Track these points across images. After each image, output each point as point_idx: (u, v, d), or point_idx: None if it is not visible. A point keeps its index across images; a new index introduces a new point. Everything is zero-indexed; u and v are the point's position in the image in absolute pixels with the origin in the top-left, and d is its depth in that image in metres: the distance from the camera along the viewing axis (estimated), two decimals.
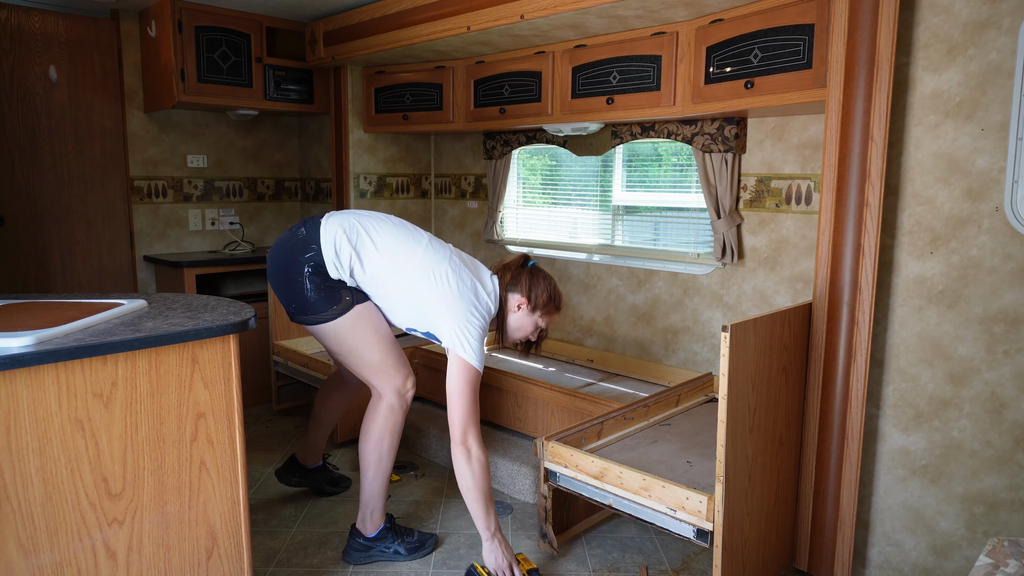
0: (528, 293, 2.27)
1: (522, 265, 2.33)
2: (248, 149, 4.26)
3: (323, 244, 2.16)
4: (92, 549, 1.62)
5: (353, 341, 2.22)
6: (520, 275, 2.30)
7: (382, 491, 2.35)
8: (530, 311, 2.30)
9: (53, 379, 1.52)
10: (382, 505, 2.36)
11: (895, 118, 2.14)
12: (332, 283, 2.18)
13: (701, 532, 1.93)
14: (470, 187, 4.04)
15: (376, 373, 2.26)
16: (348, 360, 2.27)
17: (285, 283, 2.20)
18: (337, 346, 2.24)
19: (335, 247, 2.16)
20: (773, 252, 2.74)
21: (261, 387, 3.92)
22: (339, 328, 2.20)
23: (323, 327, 2.21)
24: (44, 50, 3.50)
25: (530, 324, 2.32)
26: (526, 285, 2.28)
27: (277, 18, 3.74)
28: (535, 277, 2.30)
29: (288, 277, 2.19)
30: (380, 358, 2.24)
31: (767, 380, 2.04)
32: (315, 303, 2.17)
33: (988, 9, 1.94)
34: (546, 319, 2.34)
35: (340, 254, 2.16)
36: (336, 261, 2.17)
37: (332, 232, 2.17)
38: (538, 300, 2.28)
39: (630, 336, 3.29)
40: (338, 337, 2.22)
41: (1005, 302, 1.99)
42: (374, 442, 2.28)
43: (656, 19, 2.58)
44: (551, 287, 2.32)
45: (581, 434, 2.34)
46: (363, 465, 2.33)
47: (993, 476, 2.05)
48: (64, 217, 3.64)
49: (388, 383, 2.27)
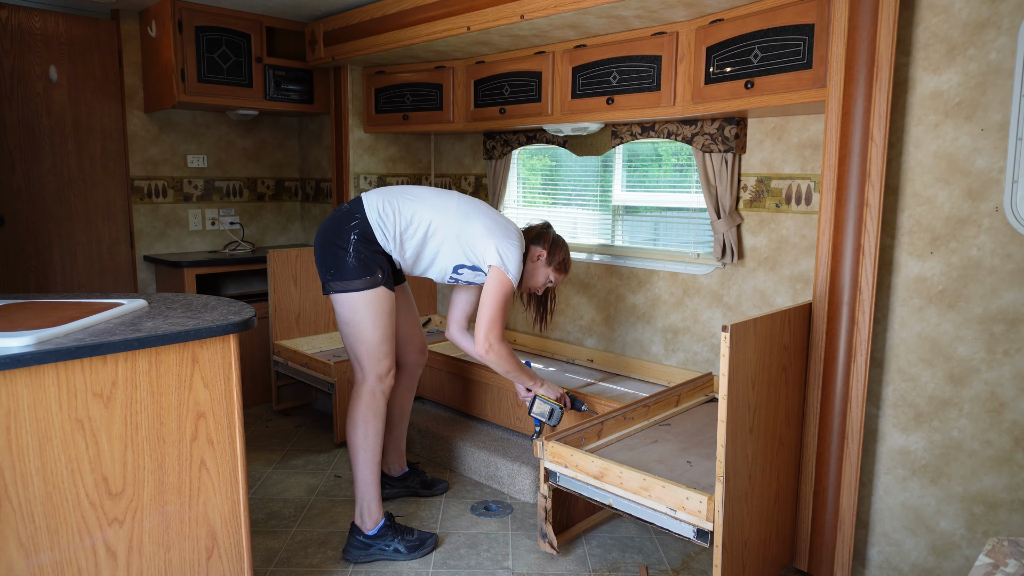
0: (549, 247, 2.57)
1: (543, 228, 2.64)
2: (248, 149, 4.26)
3: (367, 210, 2.36)
4: (92, 548, 1.62)
5: (363, 315, 2.34)
6: (545, 233, 2.61)
7: (374, 479, 2.39)
8: (546, 263, 2.58)
9: (53, 379, 1.52)
10: (377, 496, 2.39)
11: (895, 118, 2.14)
12: (372, 255, 2.33)
13: (701, 532, 1.93)
14: (470, 187, 4.04)
15: (368, 354, 2.37)
16: (350, 333, 2.37)
17: (329, 250, 2.35)
18: (350, 315, 2.35)
19: (378, 210, 2.36)
20: (773, 252, 2.74)
21: (261, 387, 3.92)
22: (358, 301, 2.33)
23: (347, 296, 2.33)
24: (44, 50, 3.50)
25: (542, 276, 2.59)
26: (549, 240, 2.59)
27: (277, 18, 3.74)
28: (557, 239, 2.61)
29: (334, 244, 2.34)
30: (377, 341, 2.36)
31: (767, 380, 2.04)
32: (352, 269, 2.31)
33: (988, 9, 1.94)
34: (557, 275, 2.61)
35: (383, 214, 2.36)
36: (381, 223, 2.35)
37: (374, 200, 2.39)
38: (556, 257, 2.58)
39: (630, 336, 3.29)
40: (354, 307, 2.33)
41: (1005, 302, 1.99)
42: (359, 427, 2.39)
43: (656, 19, 2.58)
44: (567, 252, 2.62)
45: (581, 434, 2.34)
46: (352, 454, 2.41)
47: (993, 476, 2.05)
48: (64, 217, 3.64)
49: (374, 367, 2.38)
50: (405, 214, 2.37)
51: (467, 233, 2.38)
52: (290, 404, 3.89)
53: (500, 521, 2.66)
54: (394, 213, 2.36)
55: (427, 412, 3.39)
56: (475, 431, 3.16)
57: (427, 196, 2.43)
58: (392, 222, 2.36)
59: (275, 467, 3.12)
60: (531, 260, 2.55)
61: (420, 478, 2.85)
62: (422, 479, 2.85)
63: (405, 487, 2.82)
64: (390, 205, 2.37)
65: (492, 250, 2.36)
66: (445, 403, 3.40)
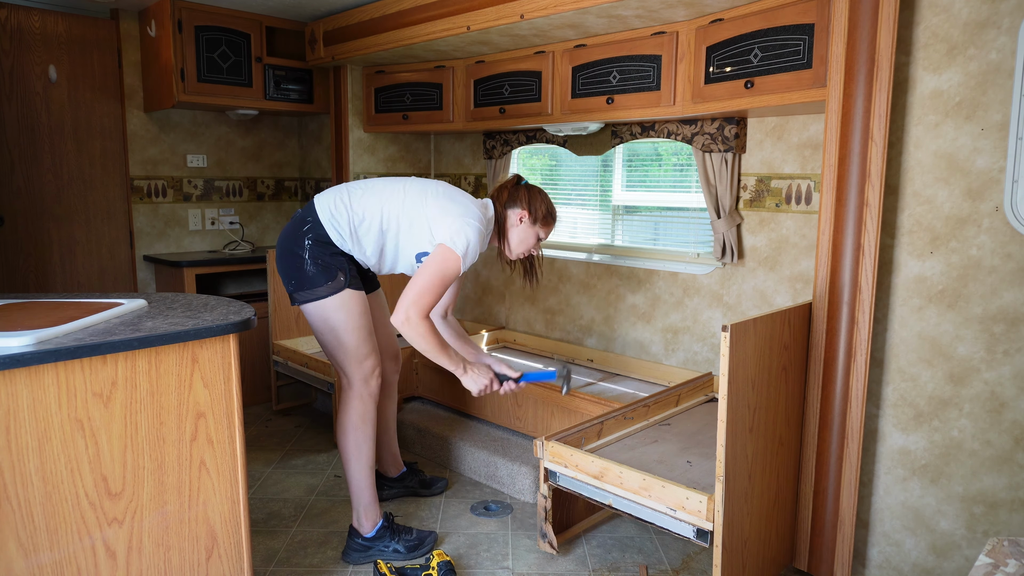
0: (528, 206, 2.38)
1: (516, 184, 2.44)
2: (248, 149, 4.26)
3: (319, 211, 2.29)
4: (92, 548, 1.62)
5: (336, 321, 2.29)
6: (517, 192, 2.40)
7: (369, 483, 2.39)
8: (531, 223, 2.40)
9: (53, 379, 1.52)
10: (372, 497, 2.39)
11: (895, 118, 2.14)
12: (330, 259, 2.27)
13: (701, 532, 1.93)
14: (470, 187, 4.04)
15: (348, 358, 2.33)
16: (327, 341, 2.34)
17: (288, 260, 2.31)
18: (322, 324, 2.32)
19: (330, 210, 2.29)
20: (773, 252, 2.74)
21: (261, 387, 3.92)
22: (327, 307, 2.28)
23: (314, 305, 2.29)
24: (44, 50, 3.50)
25: (532, 236, 2.42)
26: (525, 199, 2.39)
27: (277, 18, 3.74)
28: (532, 192, 2.41)
29: (291, 253, 2.29)
30: (355, 344, 2.32)
31: (767, 380, 2.04)
32: (313, 277, 2.26)
33: (988, 9, 1.94)
34: (545, 230, 2.44)
35: (336, 213, 2.28)
36: (333, 220, 2.28)
37: (324, 200, 2.32)
38: (538, 212, 2.39)
39: (630, 336, 3.29)
40: (324, 315, 2.29)
41: (1005, 302, 1.99)
42: (349, 433, 2.37)
43: (656, 19, 2.58)
44: (547, 200, 2.43)
45: (581, 434, 2.34)
46: (344, 460, 2.40)
47: (993, 476, 2.05)
48: (64, 217, 3.64)
49: (358, 370, 2.34)
50: (357, 209, 2.28)
51: (422, 216, 2.26)
52: (290, 404, 3.89)
53: (500, 521, 2.66)
54: (346, 209, 2.28)
55: (426, 412, 3.39)
56: (474, 431, 3.15)
57: (378, 186, 2.34)
58: (345, 219, 2.27)
59: (275, 467, 3.12)
60: (514, 225, 2.38)
61: (419, 477, 2.85)
62: (420, 478, 2.85)
63: (404, 487, 2.81)
64: (341, 202, 2.29)
65: (443, 228, 2.20)
66: (444, 403, 3.39)
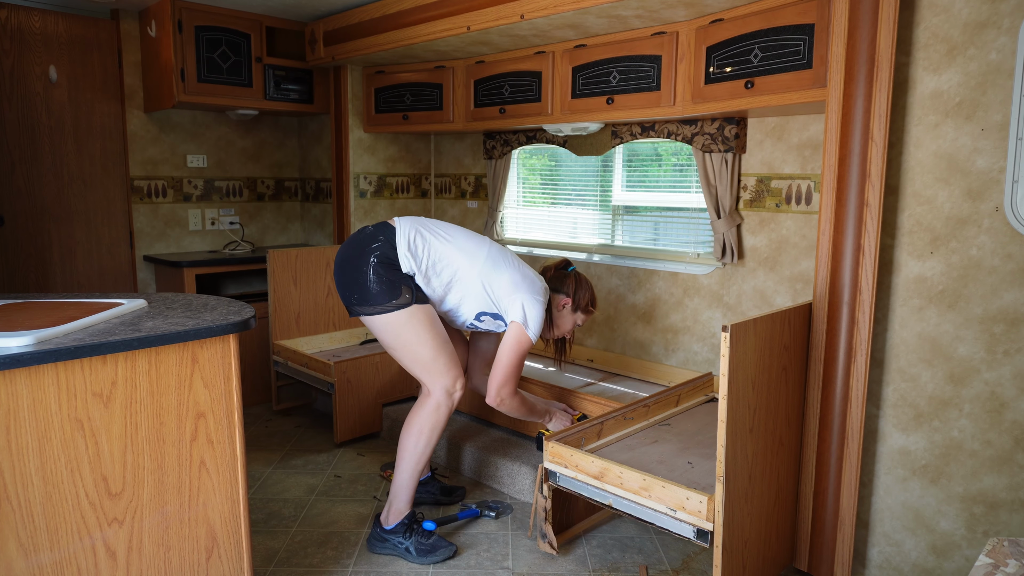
0: (573, 295, 2.53)
1: (562, 267, 2.59)
2: (248, 149, 4.26)
3: (398, 237, 2.32)
4: (92, 548, 1.62)
5: (408, 335, 2.31)
6: (565, 278, 2.55)
7: (410, 485, 2.41)
8: (572, 310, 2.55)
9: (53, 379, 1.52)
10: (407, 499, 2.41)
11: (895, 118, 2.14)
12: (395, 277, 2.29)
13: (701, 532, 1.93)
14: (470, 187, 4.04)
15: (427, 370, 2.35)
16: (401, 355, 2.36)
17: (350, 273, 2.32)
18: (393, 339, 2.33)
19: (409, 239, 2.32)
20: (773, 252, 2.74)
21: (261, 387, 3.92)
22: (395, 321, 2.29)
23: (380, 319, 2.30)
24: (44, 50, 3.50)
25: (570, 322, 2.57)
26: (572, 287, 2.54)
27: (277, 18, 3.74)
28: (580, 281, 2.56)
29: (354, 267, 2.31)
30: (432, 355, 2.33)
31: (767, 380, 2.03)
32: (376, 294, 2.27)
33: (988, 9, 1.94)
34: (584, 318, 2.59)
35: (414, 246, 2.32)
36: (411, 251, 2.31)
37: (406, 228, 2.35)
38: (581, 301, 2.55)
39: (630, 336, 3.29)
40: (395, 330, 2.31)
41: (1005, 302, 1.99)
42: (413, 435, 2.39)
43: (656, 19, 2.58)
44: (591, 290, 2.58)
45: (581, 434, 2.34)
46: (400, 455, 2.41)
47: (993, 476, 2.05)
48: (64, 217, 3.64)
49: (438, 381, 2.36)
50: (435, 252, 2.34)
51: (494, 283, 2.36)
52: (290, 404, 3.89)
53: (500, 521, 2.66)
54: (426, 247, 2.33)
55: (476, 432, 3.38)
56: (475, 431, 3.15)
57: (459, 238, 2.40)
58: (423, 255, 2.33)
59: (275, 467, 3.12)
60: (556, 309, 2.53)
61: (439, 485, 2.82)
62: (441, 486, 2.83)
63: (427, 492, 2.79)
64: (422, 238, 2.34)
65: (517, 306, 2.35)
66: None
